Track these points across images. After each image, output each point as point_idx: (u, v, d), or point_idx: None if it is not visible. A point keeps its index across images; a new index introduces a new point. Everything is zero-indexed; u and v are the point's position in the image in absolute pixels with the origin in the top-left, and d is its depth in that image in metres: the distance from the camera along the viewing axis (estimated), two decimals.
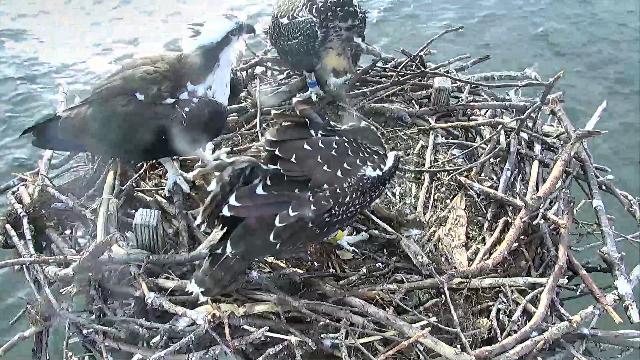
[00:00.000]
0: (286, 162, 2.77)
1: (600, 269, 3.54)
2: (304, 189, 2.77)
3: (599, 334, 3.21)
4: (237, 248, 2.81)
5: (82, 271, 3.16)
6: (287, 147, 2.81)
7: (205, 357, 2.96)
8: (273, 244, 2.78)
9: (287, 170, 2.76)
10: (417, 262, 3.30)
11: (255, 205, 2.77)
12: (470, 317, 3.12)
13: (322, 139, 2.92)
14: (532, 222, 3.48)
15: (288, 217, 2.73)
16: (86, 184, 3.90)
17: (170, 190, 3.76)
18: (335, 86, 4.63)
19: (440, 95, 4.49)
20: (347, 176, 2.85)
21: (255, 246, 2.83)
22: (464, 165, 4.09)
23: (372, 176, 2.94)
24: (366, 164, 2.94)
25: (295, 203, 2.75)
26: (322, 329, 2.98)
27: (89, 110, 3.42)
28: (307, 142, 2.86)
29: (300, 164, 2.79)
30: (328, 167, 2.82)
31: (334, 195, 2.81)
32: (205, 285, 2.89)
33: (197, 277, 2.92)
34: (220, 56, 3.35)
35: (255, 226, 2.78)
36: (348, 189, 2.84)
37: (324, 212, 2.80)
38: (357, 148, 2.97)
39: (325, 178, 2.80)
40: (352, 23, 4.10)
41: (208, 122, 3.37)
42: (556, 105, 4.32)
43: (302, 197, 2.76)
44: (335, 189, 2.81)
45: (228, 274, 2.89)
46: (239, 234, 2.80)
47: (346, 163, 2.87)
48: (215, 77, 3.38)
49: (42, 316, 3.30)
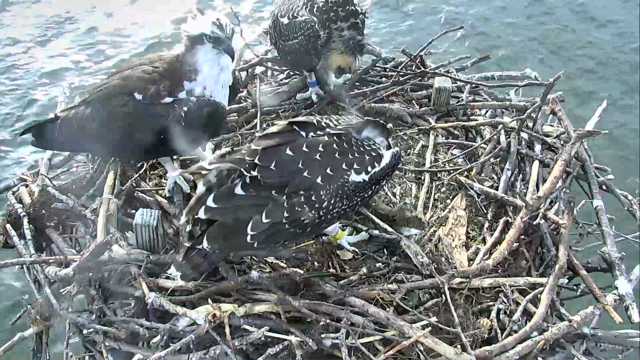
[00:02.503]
0: (265, 169, 2.80)
1: (600, 269, 3.54)
2: (281, 191, 2.80)
3: (599, 334, 3.20)
4: (213, 244, 2.86)
5: (82, 271, 3.17)
6: (268, 154, 2.84)
7: (206, 357, 2.96)
8: (250, 243, 2.84)
9: (264, 177, 2.80)
10: (417, 262, 3.30)
11: (231, 207, 2.83)
12: (471, 317, 3.12)
13: (308, 141, 2.89)
14: (532, 222, 3.48)
15: (261, 224, 2.79)
16: (86, 184, 3.90)
17: (170, 190, 3.76)
18: (335, 86, 4.64)
19: (440, 95, 4.49)
20: (327, 182, 2.83)
21: (231, 244, 2.92)
22: (464, 165, 4.09)
23: (356, 181, 2.91)
24: (352, 167, 2.90)
25: (269, 208, 2.79)
26: (323, 329, 2.98)
27: (88, 111, 3.42)
28: (291, 147, 2.86)
29: (280, 169, 2.81)
30: (308, 173, 2.82)
31: (309, 201, 2.81)
32: (182, 269, 2.97)
33: (175, 262, 3.02)
34: (197, 52, 3.28)
35: (231, 227, 2.85)
36: (326, 195, 2.84)
37: (300, 217, 2.82)
38: (347, 149, 2.92)
39: (303, 184, 2.81)
40: (354, 21, 4.11)
41: (206, 121, 3.36)
42: (556, 105, 4.32)
43: (277, 201, 2.79)
44: (310, 195, 2.81)
45: (205, 262, 2.97)
46: (215, 231, 2.85)
47: (329, 168, 2.85)
48: (206, 77, 3.34)
49: (42, 316, 3.30)
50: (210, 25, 3.22)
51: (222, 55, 3.32)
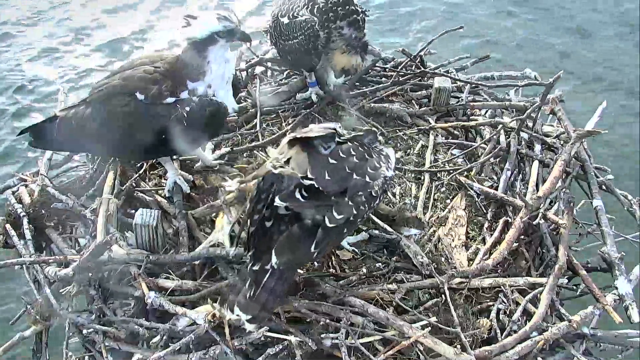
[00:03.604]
0: (321, 180, 2.75)
1: (600, 269, 3.54)
2: (339, 196, 2.80)
3: (599, 334, 3.20)
4: (281, 258, 2.76)
5: (82, 271, 3.17)
6: (315, 167, 2.79)
7: (205, 357, 2.96)
8: (312, 252, 2.79)
9: (326, 188, 2.75)
10: (417, 262, 3.30)
11: (304, 204, 2.76)
12: (470, 317, 3.12)
13: (339, 148, 2.92)
14: (532, 222, 3.48)
15: (335, 219, 2.75)
16: (86, 184, 3.90)
17: (170, 190, 3.76)
18: (335, 86, 4.64)
19: (440, 95, 4.49)
20: (374, 179, 2.91)
21: (297, 255, 2.81)
22: (464, 165, 4.09)
23: (389, 176, 3.04)
24: (381, 164, 3.01)
25: (337, 207, 2.77)
26: (322, 329, 2.98)
27: (88, 110, 3.41)
28: (331, 155, 2.88)
29: (334, 178, 2.80)
30: (357, 175, 2.87)
31: (369, 198, 2.88)
32: (250, 310, 2.75)
33: (239, 303, 2.77)
34: (207, 54, 3.30)
35: (299, 234, 2.79)
36: (377, 191, 2.92)
37: (363, 215, 2.89)
38: (367, 150, 3.02)
39: (359, 186, 2.85)
40: (355, 17, 4.11)
41: (208, 121, 3.37)
42: (556, 105, 4.32)
43: (342, 202, 2.79)
44: (369, 193, 2.88)
45: (274, 293, 2.78)
46: (283, 242, 2.78)
47: (369, 167, 2.93)
48: (214, 76, 3.36)
49: (42, 316, 3.30)
50: (217, 22, 3.24)
51: (228, 48, 3.34)
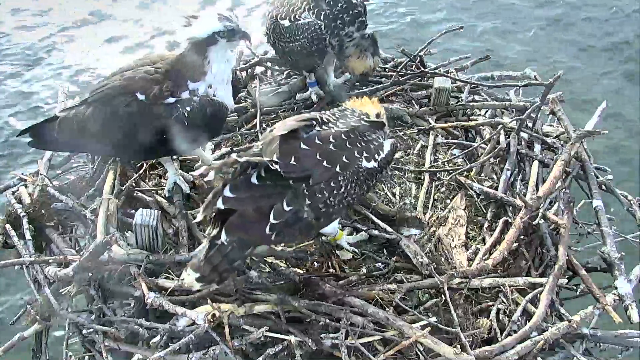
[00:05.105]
0: (286, 165, 2.78)
1: (600, 269, 3.54)
2: (300, 182, 2.80)
3: (599, 334, 3.20)
4: (232, 236, 2.81)
5: (82, 271, 3.17)
6: (285, 150, 2.82)
7: (205, 357, 2.96)
8: (268, 235, 2.80)
9: (287, 173, 2.78)
10: (417, 262, 3.30)
11: (250, 197, 2.80)
12: (470, 317, 3.12)
13: (318, 134, 2.95)
14: (532, 222, 3.48)
15: (283, 212, 2.77)
16: (86, 184, 3.90)
17: (170, 190, 3.76)
18: (335, 86, 4.64)
19: (440, 95, 4.49)
20: (344, 170, 2.91)
21: (250, 235, 2.85)
22: (464, 165, 4.09)
23: (368, 167, 3.01)
24: (363, 154, 3.00)
25: (289, 196, 2.78)
26: (322, 329, 2.98)
27: (89, 111, 3.41)
28: (304, 141, 2.89)
29: (300, 163, 2.82)
30: (327, 163, 2.87)
31: (329, 187, 2.87)
32: (201, 271, 2.83)
33: (192, 263, 2.88)
34: (208, 54, 3.31)
35: (251, 216, 2.80)
36: (343, 181, 2.91)
37: (319, 204, 2.85)
38: (354, 139, 3.02)
39: (325, 175, 2.86)
40: (362, 19, 4.13)
41: (209, 121, 3.37)
42: (556, 105, 4.32)
43: (297, 190, 2.80)
44: (330, 181, 2.87)
45: (224, 261, 2.85)
46: (234, 222, 2.80)
47: (344, 156, 2.93)
48: (214, 76, 3.37)
49: (42, 316, 3.30)
50: (218, 22, 3.25)
51: (228, 48, 3.35)
